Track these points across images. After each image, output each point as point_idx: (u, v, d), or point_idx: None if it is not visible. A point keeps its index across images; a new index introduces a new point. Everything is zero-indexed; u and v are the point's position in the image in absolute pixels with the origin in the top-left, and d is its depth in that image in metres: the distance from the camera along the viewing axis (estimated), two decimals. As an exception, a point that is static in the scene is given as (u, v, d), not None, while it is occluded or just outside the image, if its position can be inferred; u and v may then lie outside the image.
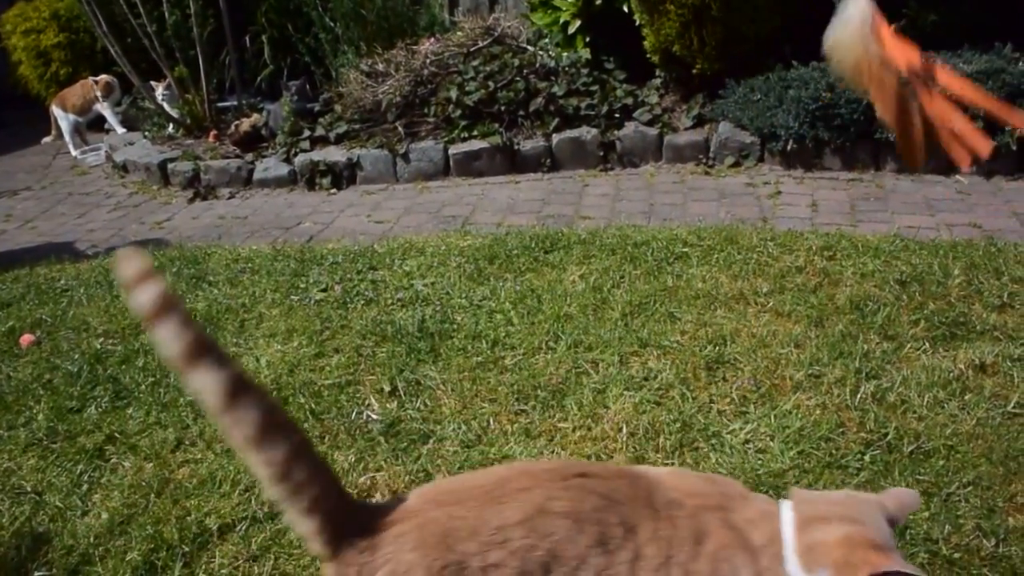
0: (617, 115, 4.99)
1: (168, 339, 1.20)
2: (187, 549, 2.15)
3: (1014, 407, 2.41)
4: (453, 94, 5.14)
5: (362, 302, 3.38)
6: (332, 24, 6.21)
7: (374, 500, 2.22)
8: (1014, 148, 4.26)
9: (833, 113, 4.43)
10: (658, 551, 1.29)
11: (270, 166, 5.30)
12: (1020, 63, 4.34)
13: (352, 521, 1.28)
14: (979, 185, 4.31)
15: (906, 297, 3.05)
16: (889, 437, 2.32)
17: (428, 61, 5.45)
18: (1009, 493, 2.11)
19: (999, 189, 4.24)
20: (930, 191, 4.25)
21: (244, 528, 2.20)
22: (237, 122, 5.67)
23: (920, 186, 4.33)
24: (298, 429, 1.30)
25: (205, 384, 1.21)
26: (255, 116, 5.74)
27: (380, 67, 5.56)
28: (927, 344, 2.75)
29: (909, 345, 2.76)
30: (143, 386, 2.91)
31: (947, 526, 2.01)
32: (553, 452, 2.35)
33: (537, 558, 1.26)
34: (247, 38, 6.81)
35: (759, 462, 2.26)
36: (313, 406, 2.68)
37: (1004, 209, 3.98)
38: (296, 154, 5.29)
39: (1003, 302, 2.97)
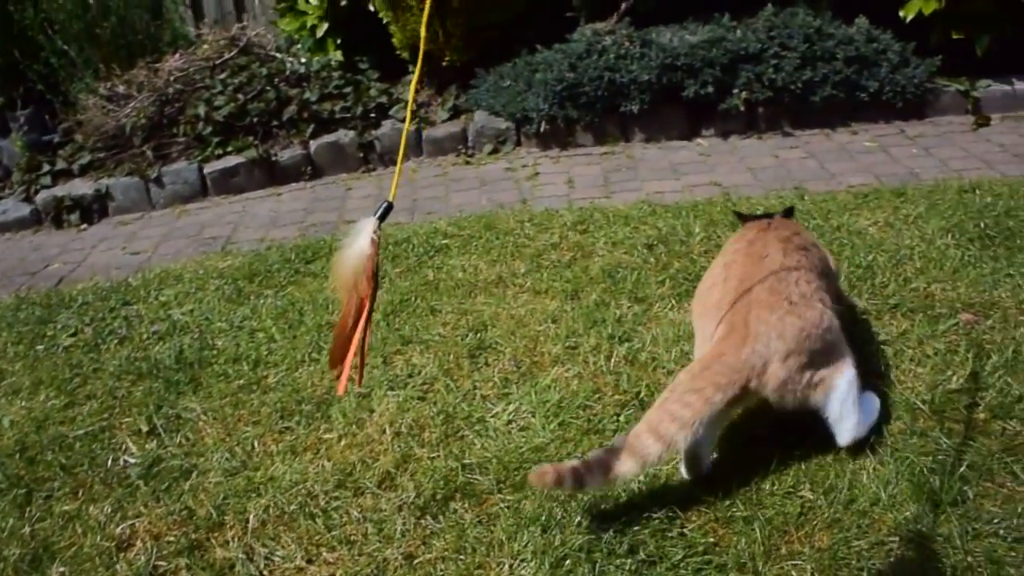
0: (373, 115, 4.95)
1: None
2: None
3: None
4: (201, 110, 4.93)
5: (115, 341, 3.18)
6: (65, 47, 5.78)
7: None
8: (743, 109, 4.60)
9: (579, 92, 4.61)
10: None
11: (8, 208, 4.88)
12: (737, 31, 4.68)
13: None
14: (718, 146, 4.62)
15: (653, 259, 3.23)
16: (641, 395, 2.45)
17: (173, 78, 5.18)
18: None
19: (735, 148, 4.56)
20: (675, 156, 4.52)
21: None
22: (-35, 164, 5.18)
23: (666, 152, 4.59)
24: None
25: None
26: (-15, 155, 5.27)
27: (121, 89, 5.23)
28: (673, 301, 2.93)
29: (657, 305, 2.92)
30: None
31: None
32: (319, 465, 2.31)
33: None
34: (-32, 70, 6.22)
35: (522, 440, 2.32)
36: (64, 460, 2.49)
37: (740, 166, 4.29)
38: (37, 191, 4.89)
39: (737, 252, 3.20)
